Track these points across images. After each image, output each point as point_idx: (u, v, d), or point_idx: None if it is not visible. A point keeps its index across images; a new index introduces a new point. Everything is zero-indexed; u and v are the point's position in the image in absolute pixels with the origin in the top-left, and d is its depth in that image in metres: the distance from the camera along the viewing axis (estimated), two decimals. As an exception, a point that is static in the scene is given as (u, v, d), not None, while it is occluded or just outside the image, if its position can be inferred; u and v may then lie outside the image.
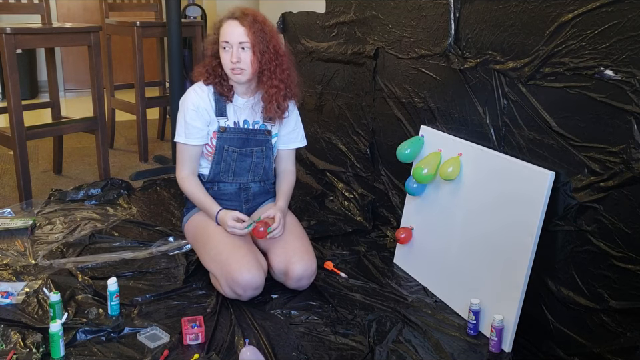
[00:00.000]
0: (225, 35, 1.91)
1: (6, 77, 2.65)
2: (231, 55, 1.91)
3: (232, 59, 1.91)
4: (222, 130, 2.03)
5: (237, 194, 2.13)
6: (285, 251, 1.97)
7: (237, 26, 1.90)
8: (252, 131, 2.06)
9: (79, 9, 5.70)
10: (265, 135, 2.09)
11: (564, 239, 1.64)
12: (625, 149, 1.44)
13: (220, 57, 1.96)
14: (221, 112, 2.03)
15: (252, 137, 2.07)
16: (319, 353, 1.69)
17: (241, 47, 1.91)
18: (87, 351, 1.66)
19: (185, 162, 2.05)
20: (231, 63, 1.92)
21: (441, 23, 2.07)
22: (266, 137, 2.09)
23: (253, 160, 2.08)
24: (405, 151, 2.10)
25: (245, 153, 2.06)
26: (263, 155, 2.10)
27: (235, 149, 2.05)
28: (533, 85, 1.69)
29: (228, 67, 1.94)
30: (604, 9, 1.45)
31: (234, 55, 1.91)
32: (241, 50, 1.91)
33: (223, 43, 1.92)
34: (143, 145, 3.60)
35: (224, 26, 1.93)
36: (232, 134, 2.04)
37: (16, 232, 2.43)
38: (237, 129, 2.05)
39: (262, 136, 2.08)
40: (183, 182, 2.06)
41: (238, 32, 1.90)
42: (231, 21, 1.92)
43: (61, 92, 5.55)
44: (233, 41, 1.90)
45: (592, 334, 1.57)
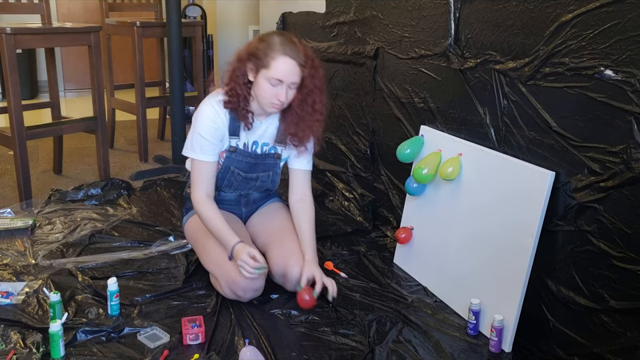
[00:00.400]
0: (280, 73, 1.79)
1: (6, 77, 2.65)
2: (280, 95, 1.81)
3: (281, 97, 1.81)
4: (232, 150, 1.96)
5: (237, 200, 2.13)
6: (282, 254, 1.96)
7: (295, 66, 1.80)
8: (261, 156, 2.01)
9: (79, 9, 5.70)
10: (274, 158, 2.04)
11: (564, 239, 1.64)
12: (625, 149, 1.44)
13: (258, 86, 1.83)
14: (234, 131, 1.95)
15: (260, 162, 2.02)
16: (319, 353, 1.69)
17: (291, 87, 1.83)
18: (87, 350, 1.66)
19: (201, 181, 1.94)
20: (276, 99, 1.82)
21: (441, 23, 2.07)
22: (275, 160, 2.04)
23: (257, 183, 2.07)
24: (404, 151, 2.10)
25: (250, 177, 2.04)
26: (269, 179, 2.08)
27: (240, 173, 2.01)
28: (532, 85, 1.69)
29: (269, 101, 1.84)
30: (604, 9, 1.45)
31: (283, 95, 1.81)
32: (290, 89, 1.83)
33: (273, 80, 1.79)
34: (143, 145, 3.60)
35: (279, 62, 1.78)
36: (240, 156, 1.98)
37: (16, 232, 2.43)
38: (246, 153, 1.98)
39: (271, 160, 2.03)
40: (199, 205, 1.93)
41: (294, 72, 1.80)
42: (289, 60, 1.78)
43: (61, 92, 5.55)
44: (287, 81, 1.80)
45: (592, 334, 1.56)
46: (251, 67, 1.84)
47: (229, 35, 5.05)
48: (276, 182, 2.12)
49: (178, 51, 3.31)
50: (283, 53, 1.78)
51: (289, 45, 1.80)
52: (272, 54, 1.79)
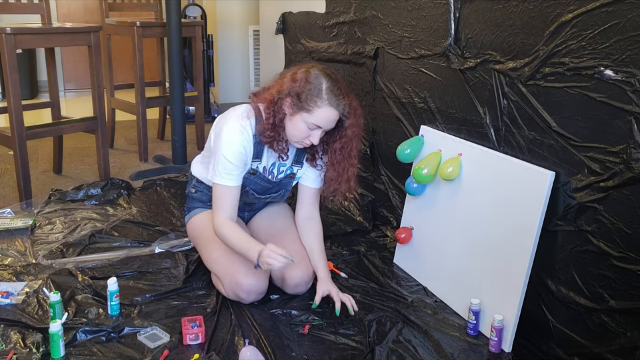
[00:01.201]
0: (320, 120, 1.75)
1: (6, 77, 2.65)
2: (314, 138, 1.79)
3: (314, 141, 1.80)
4: (252, 172, 1.93)
5: (241, 208, 2.12)
6: None
7: (337, 116, 1.78)
8: (279, 181, 2.01)
9: (79, 9, 5.70)
10: (289, 178, 2.03)
11: (564, 238, 1.64)
12: (625, 149, 1.44)
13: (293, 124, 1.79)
14: (257, 154, 1.90)
15: (276, 184, 2.02)
16: (319, 353, 1.69)
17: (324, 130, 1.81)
18: (86, 350, 1.66)
19: (224, 206, 1.86)
20: (308, 142, 1.81)
21: (441, 23, 2.07)
22: (289, 180, 2.04)
23: (267, 200, 2.09)
24: (405, 150, 2.10)
25: (265, 197, 2.05)
26: (279, 196, 2.09)
27: (255, 194, 2.01)
28: (532, 85, 1.69)
29: (299, 140, 1.81)
30: (604, 9, 1.45)
31: (317, 139, 1.80)
32: (321, 131, 1.80)
33: (311, 124, 1.76)
34: (143, 145, 3.60)
35: (323, 111, 1.74)
36: (259, 179, 1.96)
37: (16, 232, 2.43)
38: (265, 178, 1.97)
39: (286, 179, 2.03)
40: (220, 226, 1.85)
41: (335, 120, 1.79)
42: (333, 111, 1.76)
43: (61, 92, 5.55)
44: (325, 127, 1.79)
45: (592, 334, 1.56)
46: (289, 103, 1.78)
47: (229, 35, 5.05)
48: (285, 197, 2.13)
49: (178, 51, 3.31)
50: (329, 104, 1.75)
51: (336, 95, 1.76)
52: (318, 102, 1.74)
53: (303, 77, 1.78)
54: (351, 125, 1.84)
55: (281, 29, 3.39)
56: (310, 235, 2.03)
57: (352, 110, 1.82)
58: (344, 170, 1.91)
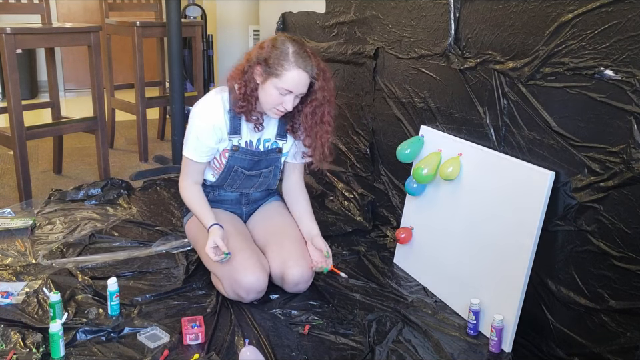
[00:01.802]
0: (291, 85, 1.78)
1: (6, 77, 2.65)
2: (287, 103, 1.81)
3: (287, 106, 1.82)
4: (234, 149, 1.96)
5: (237, 200, 2.13)
6: (281, 256, 1.96)
7: (306, 78, 1.81)
8: (264, 152, 2.01)
9: (79, 9, 5.70)
10: (276, 153, 2.04)
11: (564, 239, 1.64)
12: (625, 149, 1.44)
13: (264, 92, 1.83)
14: (235, 130, 1.94)
15: (263, 158, 2.02)
16: (319, 353, 1.69)
17: (298, 96, 1.84)
18: (86, 350, 1.66)
19: (189, 174, 2.00)
20: (282, 109, 1.83)
21: (441, 23, 2.07)
22: (277, 155, 2.05)
23: (260, 179, 2.08)
24: (404, 151, 2.10)
25: (254, 174, 2.05)
26: (271, 174, 2.09)
27: (244, 171, 2.02)
28: (532, 85, 1.69)
29: (273, 107, 1.84)
30: (604, 9, 1.45)
31: (290, 104, 1.82)
32: (296, 98, 1.84)
33: (282, 90, 1.79)
34: (143, 145, 3.60)
35: (291, 73, 1.77)
36: (244, 154, 1.98)
37: (16, 232, 2.43)
38: (249, 151, 1.98)
39: (273, 155, 2.04)
40: (183, 190, 2.00)
41: (305, 84, 1.81)
42: (302, 72, 1.78)
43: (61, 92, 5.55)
44: (296, 92, 1.81)
45: (592, 334, 1.57)
46: (259, 71, 1.82)
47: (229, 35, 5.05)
48: (277, 176, 2.12)
49: (178, 51, 3.31)
50: (296, 65, 1.77)
51: (303, 57, 1.79)
52: (285, 65, 1.77)
53: (270, 43, 1.83)
54: (320, 87, 1.86)
55: (281, 28, 3.39)
56: (299, 200, 2.11)
57: (320, 72, 1.84)
58: (317, 136, 1.94)
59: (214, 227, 1.89)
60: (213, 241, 1.85)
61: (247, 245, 1.96)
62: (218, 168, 2.02)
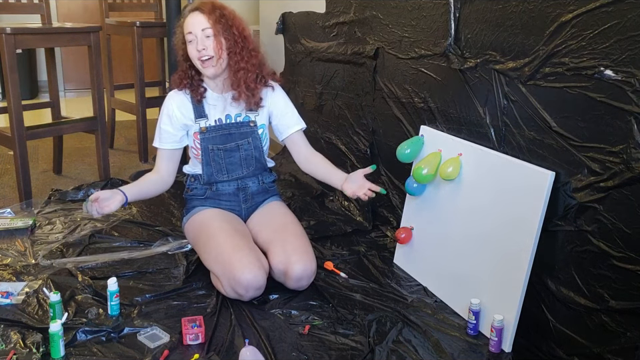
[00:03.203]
0: (188, 27, 1.93)
1: (6, 76, 2.65)
2: (197, 44, 1.92)
3: (197, 47, 1.91)
4: (203, 130, 2.03)
5: (235, 194, 2.13)
6: (284, 251, 1.96)
7: (197, 15, 1.93)
8: (234, 125, 2.06)
9: (79, 9, 5.70)
10: (250, 126, 2.07)
11: (564, 239, 1.64)
12: (625, 149, 1.44)
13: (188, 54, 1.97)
14: (200, 114, 2.04)
15: (235, 131, 2.06)
16: (319, 353, 1.69)
17: (205, 35, 1.92)
18: (86, 350, 1.66)
19: (157, 165, 2.11)
20: (197, 52, 1.92)
21: (441, 23, 2.07)
22: (251, 128, 2.07)
23: (240, 153, 2.08)
24: (404, 150, 2.10)
25: (230, 148, 2.06)
26: (251, 146, 2.08)
27: (219, 147, 2.05)
28: (532, 85, 1.69)
29: (196, 58, 1.94)
30: (604, 9, 1.45)
31: (199, 43, 1.91)
32: (205, 38, 1.92)
33: (187, 36, 1.93)
34: (143, 144, 3.60)
35: (187, 19, 1.95)
36: (213, 132, 2.04)
37: (16, 232, 2.43)
38: (218, 126, 2.05)
39: (246, 128, 2.07)
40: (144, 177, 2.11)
41: (199, 20, 1.92)
42: (191, 13, 1.94)
43: (61, 92, 5.55)
44: (195, 30, 1.92)
45: (592, 334, 1.57)
46: (178, 37, 2.00)
47: (229, 35, 5.04)
48: (260, 149, 2.10)
49: (178, 51, 3.30)
50: (189, 10, 1.95)
51: (195, 3, 1.96)
52: (183, 17, 1.97)
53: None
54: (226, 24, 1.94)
55: (281, 28, 3.39)
56: (317, 160, 2.13)
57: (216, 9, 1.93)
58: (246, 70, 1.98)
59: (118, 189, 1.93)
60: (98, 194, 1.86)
61: (245, 243, 1.96)
62: (196, 155, 2.07)
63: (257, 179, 2.15)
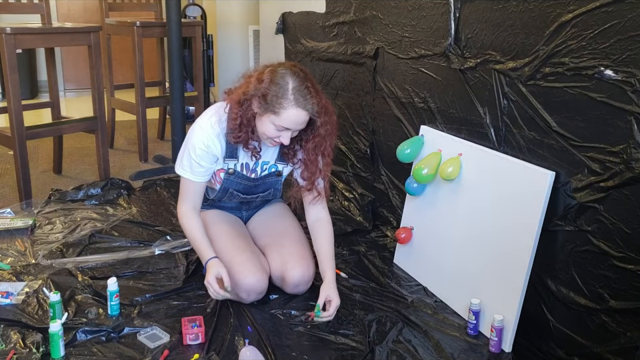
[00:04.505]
0: (288, 124, 1.70)
1: (6, 77, 2.65)
2: (284, 139, 1.74)
3: (284, 141, 1.74)
4: (230, 172, 1.92)
5: (238, 206, 2.14)
6: (281, 257, 1.95)
7: (306, 117, 1.71)
8: (260, 178, 1.97)
9: (79, 9, 5.70)
10: (275, 176, 2.00)
11: (564, 239, 1.64)
12: (625, 149, 1.44)
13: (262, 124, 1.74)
14: (231, 154, 1.88)
15: (260, 183, 1.99)
16: (319, 353, 1.69)
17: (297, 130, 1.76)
18: (86, 351, 1.66)
19: (188, 196, 1.90)
20: (276, 139, 1.75)
21: (441, 23, 2.07)
22: (276, 178, 2.00)
23: (257, 201, 2.08)
24: (405, 150, 2.10)
25: (250, 198, 2.04)
26: (270, 195, 2.07)
27: (239, 195, 1.99)
28: (532, 85, 1.69)
29: (269, 140, 1.77)
30: (604, 9, 1.45)
31: (287, 140, 1.74)
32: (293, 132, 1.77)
33: (280, 127, 1.71)
34: (143, 144, 3.60)
35: (290, 113, 1.68)
36: (239, 179, 1.94)
37: (16, 232, 2.43)
38: (244, 176, 1.94)
39: (271, 178, 1.99)
40: (183, 217, 1.90)
41: (304, 122, 1.73)
42: (301, 112, 1.69)
43: (61, 92, 5.54)
44: (295, 128, 1.73)
45: (592, 334, 1.56)
46: (257, 104, 1.73)
47: (229, 35, 5.04)
48: (277, 195, 2.10)
49: (178, 51, 3.30)
50: (296, 105, 1.67)
51: (303, 95, 1.68)
52: (284, 103, 1.67)
53: (269, 77, 1.70)
54: (323, 123, 1.77)
55: (281, 28, 3.39)
56: (320, 237, 1.94)
57: (322, 109, 1.75)
58: (316, 170, 1.88)
59: (213, 260, 1.81)
60: (217, 272, 1.76)
61: (247, 246, 1.96)
62: (213, 184, 1.99)
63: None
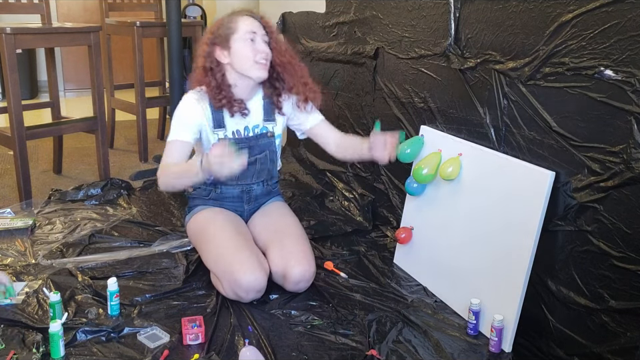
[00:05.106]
0: (249, 27, 1.90)
1: (6, 77, 2.65)
2: (259, 46, 1.89)
3: (260, 47, 1.89)
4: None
5: (239, 196, 2.13)
6: (283, 254, 1.96)
7: (257, 21, 1.93)
8: (254, 138, 2.02)
9: (79, 9, 5.70)
10: (268, 137, 2.05)
11: (564, 239, 1.64)
12: (625, 149, 1.44)
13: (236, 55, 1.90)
14: (218, 123, 1.98)
15: (254, 144, 2.02)
16: (319, 353, 1.69)
17: (263, 40, 1.92)
18: (86, 351, 1.66)
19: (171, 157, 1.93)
20: (260, 55, 1.88)
21: (441, 23, 2.07)
22: (269, 139, 2.05)
23: (256, 167, 2.06)
24: (405, 150, 2.10)
25: (249, 162, 2.02)
26: (267, 159, 2.08)
27: None
28: (532, 85, 1.69)
29: (253, 60, 1.89)
30: (604, 9, 1.45)
31: (262, 45, 1.89)
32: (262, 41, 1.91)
33: (248, 34, 1.88)
34: (143, 144, 3.60)
35: (244, 20, 1.90)
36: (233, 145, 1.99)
37: (16, 232, 2.43)
38: (237, 139, 1.99)
39: (264, 139, 2.04)
40: (162, 168, 1.89)
41: (260, 26, 1.92)
42: (250, 18, 1.92)
43: (61, 92, 5.55)
44: (259, 32, 1.91)
45: (592, 334, 1.57)
46: (219, 49, 1.91)
47: (229, 35, 5.04)
48: (275, 161, 2.11)
49: (178, 51, 3.31)
50: (242, 14, 1.92)
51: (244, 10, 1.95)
52: (234, 19, 1.90)
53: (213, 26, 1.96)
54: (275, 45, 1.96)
55: (281, 28, 3.39)
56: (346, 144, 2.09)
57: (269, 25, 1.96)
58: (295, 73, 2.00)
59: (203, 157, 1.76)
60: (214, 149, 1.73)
61: (246, 244, 1.96)
62: None
63: (262, 182, 2.14)
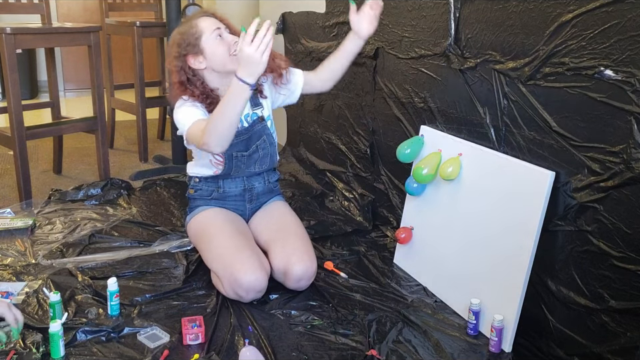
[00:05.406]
0: (213, 24, 1.95)
1: (6, 77, 2.65)
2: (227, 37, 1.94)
3: (227, 37, 1.94)
4: None
5: (241, 195, 2.13)
6: (284, 251, 1.96)
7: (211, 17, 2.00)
8: (250, 127, 2.03)
9: (79, 9, 5.70)
10: (260, 122, 2.05)
11: (564, 239, 1.64)
12: (625, 149, 1.44)
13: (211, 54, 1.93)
14: None
15: (252, 133, 2.03)
16: (319, 353, 1.69)
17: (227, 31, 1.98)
18: (86, 351, 1.66)
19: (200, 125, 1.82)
20: (232, 46, 1.92)
21: (441, 23, 2.07)
22: (261, 123, 2.05)
23: (259, 153, 2.07)
24: (405, 150, 2.10)
25: (251, 152, 2.05)
26: (267, 144, 2.08)
27: (243, 154, 2.02)
28: (532, 85, 1.69)
29: (230, 53, 1.92)
30: (604, 9, 1.45)
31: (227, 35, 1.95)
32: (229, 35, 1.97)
33: (214, 32, 1.93)
34: (143, 144, 3.60)
35: (204, 20, 1.97)
36: (235, 138, 1.95)
37: (16, 232, 2.43)
38: (237, 133, 1.95)
39: (258, 125, 2.05)
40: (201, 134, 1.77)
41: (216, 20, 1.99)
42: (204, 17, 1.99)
43: (61, 92, 5.55)
44: (221, 26, 1.97)
45: (592, 334, 1.57)
46: (191, 57, 1.94)
47: (229, 35, 5.05)
48: (274, 143, 2.11)
49: (178, 51, 3.30)
50: (199, 16, 1.99)
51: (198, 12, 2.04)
52: (194, 24, 1.95)
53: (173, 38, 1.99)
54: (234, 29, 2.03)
55: (281, 28, 3.39)
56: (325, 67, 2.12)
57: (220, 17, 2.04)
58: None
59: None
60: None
61: (247, 244, 1.96)
62: (220, 162, 2.03)
63: (263, 178, 2.14)
